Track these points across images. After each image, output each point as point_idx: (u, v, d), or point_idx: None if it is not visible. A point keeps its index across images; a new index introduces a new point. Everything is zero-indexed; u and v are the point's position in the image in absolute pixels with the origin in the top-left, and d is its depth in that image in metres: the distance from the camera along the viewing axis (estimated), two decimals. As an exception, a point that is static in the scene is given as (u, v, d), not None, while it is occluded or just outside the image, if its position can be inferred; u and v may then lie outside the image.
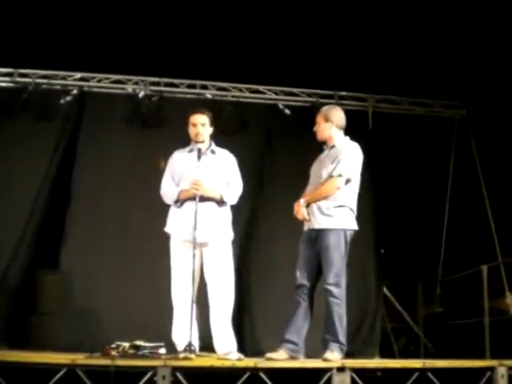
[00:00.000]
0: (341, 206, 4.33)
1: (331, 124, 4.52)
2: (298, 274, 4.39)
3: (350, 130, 6.76)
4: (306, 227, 4.44)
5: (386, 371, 4.21)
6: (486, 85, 6.37)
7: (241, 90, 6.90)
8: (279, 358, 4.17)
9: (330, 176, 4.35)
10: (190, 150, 4.53)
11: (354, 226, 4.39)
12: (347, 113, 6.92)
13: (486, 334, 5.61)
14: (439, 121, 7.14)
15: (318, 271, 4.37)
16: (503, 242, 6.48)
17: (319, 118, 4.55)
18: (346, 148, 4.45)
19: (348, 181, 4.37)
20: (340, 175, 4.33)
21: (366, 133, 6.96)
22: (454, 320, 6.40)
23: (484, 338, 5.60)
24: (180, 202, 4.36)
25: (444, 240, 7.02)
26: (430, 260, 6.97)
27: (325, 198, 4.32)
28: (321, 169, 4.45)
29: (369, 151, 6.81)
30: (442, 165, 7.08)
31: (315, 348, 4.44)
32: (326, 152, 4.54)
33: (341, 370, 3.85)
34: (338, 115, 4.56)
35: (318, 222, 4.33)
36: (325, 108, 4.63)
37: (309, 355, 4.44)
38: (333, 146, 4.50)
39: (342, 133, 4.58)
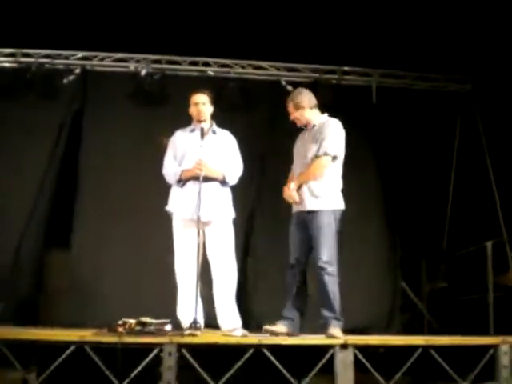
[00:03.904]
0: (329, 187, 4.31)
1: (303, 109, 4.42)
2: (292, 255, 4.40)
3: (354, 105, 6.84)
4: (295, 209, 4.41)
5: (389, 348, 4.25)
6: (491, 58, 6.29)
7: (243, 67, 6.87)
8: (278, 331, 4.22)
9: (316, 156, 4.29)
10: (192, 130, 4.54)
11: (342, 206, 4.37)
12: (351, 88, 7.03)
13: (490, 310, 5.63)
14: (444, 95, 7.08)
15: (309, 251, 4.38)
16: (508, 217, 6.46)
17: (290, 109, 4.45)
18: (327, 126, 4.37)
19: (335, 158, 4.32)
20: (326, 153, 4.27)
21: (370, 108, 6.93)
22: (459, 296, 6.42)
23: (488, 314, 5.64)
24: (182, 181, 4.38)
25: (449, 216, 7.01)
26: (435, 236, 6.97)
27: (314, 178, 4.29)
28: (305, 150, 4.40)
29: (373, 126, 6.86)
30: (447, 139, 7.03)
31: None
32: (307, 132, 4.47)
33: (344, 347, 3.89)
34: (305, 97, 4.44)
35: (309, 204, 4.29)
36: (290, 97, 4.49)
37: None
38: (313, 126, 4.44)
39: (316, 111, 4.48)
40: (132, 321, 3.95)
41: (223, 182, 4.43)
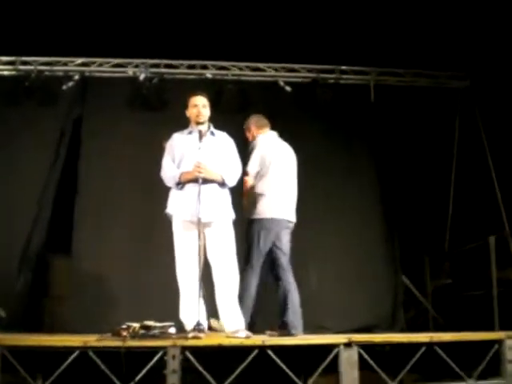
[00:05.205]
0: (254, 198, 4.82)
1: (251, 131, 5.11)
2: None
3: (353, 104, 6.85)
4: None
5: (394, 345, 4.24)
6: (489, 54, 6.28)
7: (241, 69, 6.88)
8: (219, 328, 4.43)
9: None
10: (190, 132, 4.53)
11: (264, 215, 4.79)
12: (349, 87, 7.03)
13: (495, 305, 5.62)
14: (442, 92, 7.06)
15: (269, 258, 4.85)
16: (510, 212, 6.45)
17: (246, 133, 5.16)
18: (253, 146, 4.99)
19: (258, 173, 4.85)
20: (246, 174, 4.82)
21: (369, 106, 6.93)
22: (463, 292, 6.40)
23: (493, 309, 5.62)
24: (182, 184, 4.38)
25: (450, 212, 7.00)
26: (437, 233, 6.95)
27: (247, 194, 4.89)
28: None
29: (372, 124, 6.86)
30: (447, 136, 7.02)
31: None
32: None
33: (348, 345, 3.89)
34: (253, 120, 5.15)
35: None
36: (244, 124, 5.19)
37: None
38: None
39: (262, 130, 5.09)
40: (136, 325, 3.96)
41: (222, 184, 4.42)
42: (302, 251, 6.19)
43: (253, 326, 4.58)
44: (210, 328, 4.49)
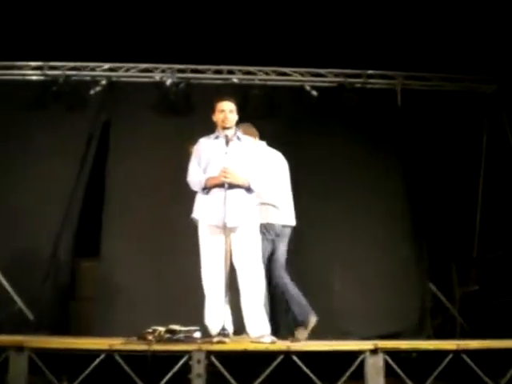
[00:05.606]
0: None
1: None
2: None
3: (379, 109, 6.82)
4: None
5: (421, 353, 4.20)
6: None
7: (267, 73, 6.89)
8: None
9: None
10: (216, 137, 4.55)
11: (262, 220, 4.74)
12: (375, 91, 7.00)
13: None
14: (469, 96, 6.99)
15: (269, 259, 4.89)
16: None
17: None
18: None
19: None
20: None
21: (395, 110, 6.89)
22: (491, 299, 6.32)
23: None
24: (208, 189, 4.40)
25: (478, 218, 6.90)
26: (465, 239, 6.87)
27: None
28: None
29: (398, 129, 6.81)
30: (475, 141, 6.94)
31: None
32: None
33: (374, 352, 3.85)
34: (241, 129, 4.86)
35: None
36: None
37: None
38: None
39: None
40: (161, 328, 3.98)
41: (248, 189, 4.42)
42: (329, 257, 6.19)
43: (277, 329, 4.56)
44: None
